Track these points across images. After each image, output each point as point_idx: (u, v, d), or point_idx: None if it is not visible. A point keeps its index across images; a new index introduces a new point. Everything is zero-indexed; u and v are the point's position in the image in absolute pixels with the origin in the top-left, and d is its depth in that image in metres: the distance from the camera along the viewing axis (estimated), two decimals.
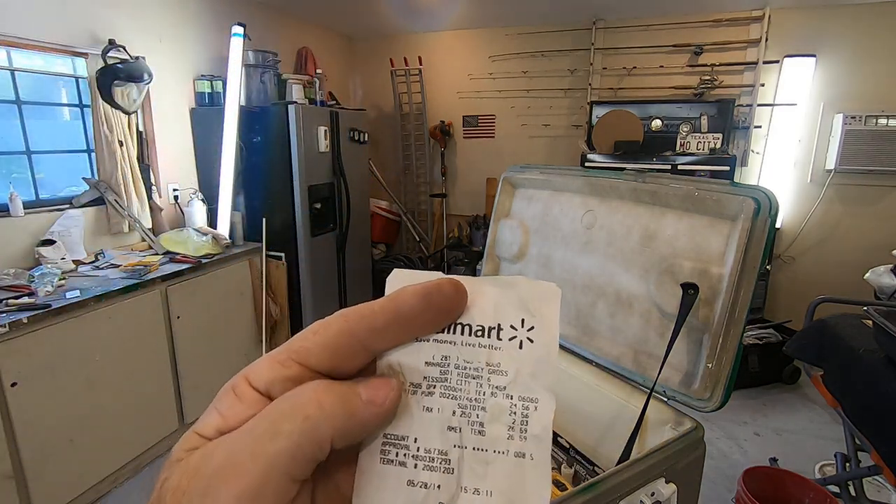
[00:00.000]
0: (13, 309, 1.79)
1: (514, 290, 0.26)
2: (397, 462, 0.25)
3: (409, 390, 0.26)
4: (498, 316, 0.26)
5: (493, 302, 0.26)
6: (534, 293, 0.26)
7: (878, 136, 3.41)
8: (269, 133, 2.95)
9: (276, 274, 3.06)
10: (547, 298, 0.26)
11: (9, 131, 2.27)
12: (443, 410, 0.25)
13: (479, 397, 0.26)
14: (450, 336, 0.26)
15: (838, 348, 1.76)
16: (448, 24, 4.26)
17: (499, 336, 0.26)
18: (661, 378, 1.04)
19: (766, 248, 0.94)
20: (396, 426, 0.25)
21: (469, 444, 0.25)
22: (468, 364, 0.26)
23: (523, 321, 0.26)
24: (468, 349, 0.26)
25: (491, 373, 0.26)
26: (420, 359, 0.26)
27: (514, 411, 0.25)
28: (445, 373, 0.26)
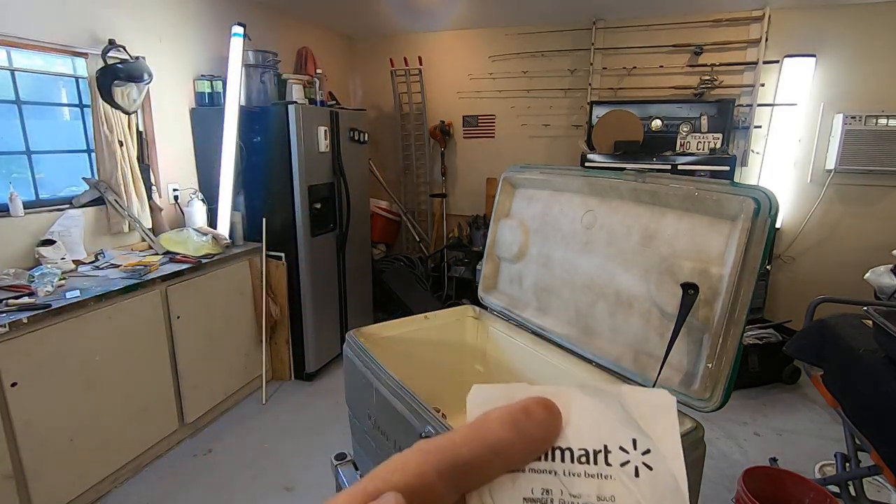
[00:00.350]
0: (13, 309, 1.79)
1: (617, 402, 0.22)
2: None
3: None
4: (602, 436, 0.21)
5: (592, 419, 0.22)
6: (642, 404, 0.22)
7: (878, 136, 3.41)
8: (269, 133, 2.95)
9: (276, 274, 3.06)
10: (660, 411, 0.21)
11: (9, 131, 2.27)
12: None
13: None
14: (549, 464, 0.21)
15: (838, 348, 1.76)
16: (448, 24, 4.26)
17: (607, 461, 0.21)
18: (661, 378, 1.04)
19: (766, 248, 0.94)
20: None
21: None
22: (575, 499, 0.21)
23: (635, 442, 0.21)
24: (573, 480, 0.21)
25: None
26: (516, 494, 0.21)
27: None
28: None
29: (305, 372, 3.20)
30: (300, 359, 3.21)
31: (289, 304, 3.10)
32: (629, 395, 0.22)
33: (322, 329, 3.24)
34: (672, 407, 0.21)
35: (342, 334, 3.40)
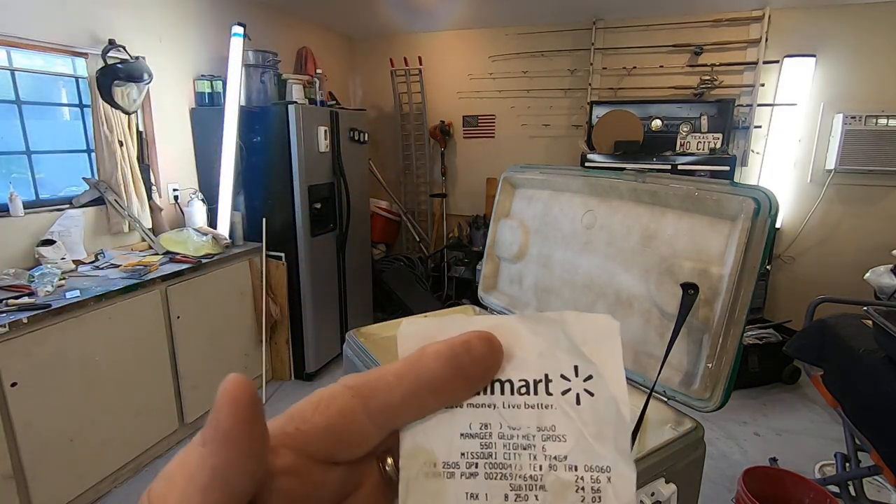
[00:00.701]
0: (13, 309, 1.79)
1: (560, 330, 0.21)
2: None
3: (444, 473, 0.20)
4: (544, 365, 0.21)
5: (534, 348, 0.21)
6: (585, 331, 0.21)
7: (878, 136, 3.41)
8: (269, 133, 2.95)
9: (276, 274, 3.06)
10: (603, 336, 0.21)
11: (9, 131, 2.27)
12: (491, 496, 0.20)
13: (535, 473, 0.20)
14: (487, 398, 0.21)
15: (838, 348, 1.76)
16: (448, 24, 4.26)
17: (548, 390, 0.21)
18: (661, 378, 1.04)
19: (766, 248, 0.94)
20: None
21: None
22: (515, 431, 0.20)
23: (577, 368, 0.21)
24: (512, 412, 0.20)
25: (545, 439, 0.20)
26: (453, 431, 0.21)
27: (582, 487, 0.19)
28: (488, 446, 0.20)
29: (305, 372, 3.20)
30: (300, 359, 3.20)
31: (289, 304, 3.10)
32: (572, 323, 0.21)
33: (322, 329, 3.24)
34: (615, 332, 0.21)
35: (342, 334, 3.40)
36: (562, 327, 0.21)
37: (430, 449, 0.20)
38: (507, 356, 0.21)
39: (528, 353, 0.21)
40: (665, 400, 1.10)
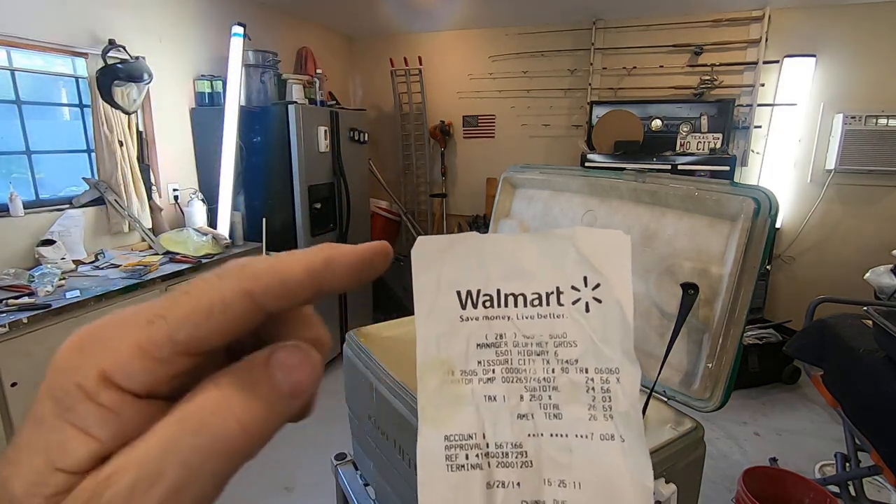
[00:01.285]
0: (13, 309, 1.79)
1: (571, 244, 0.22)
2: (469, 465, 0.21)
3: (463, 379, 0.22)
4: (555, 278, 0.22)
5: (547, 262, 0.22)
6: (595, 244, 0.22)
7: (878, 136, 3.41)
8: (269, 133, 2.95)
9: None
10: (613, 249, 0.22)
11: (9, 131, 2.27)
12: (508, 397, 0.22)
13: (549, 376, 0.22)
14: (501, 310, 0.22)
15: (838, 348, 1.76)
16: (448, 24, 4.26)
17: (559, 301, 0.22)
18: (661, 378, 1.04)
19: (766, 248, 0.94)
20: (459, 423, 0.21)
21: (545, 430, 0.21)
22: (528, 339, 0.22)
23: (586, 279, 0.22)
24: (526, 322, 0.22)
25: (557, 346, 0.22)
26: (470, 340, 0.22)
27: (593, 387, 0.21)
28: (503, 353, 0.22)
29: None
30: None
31: None
32: (582, 237, 0.22)
33: None
34: (626, 245, 0.22)
35: (342, 334, 3.40)
36: (573, 242, 0.22)
37: (448, 359, 0.22)
38: (521, 271, 0.22)
39: (540, 267, 0.22)
40: (665, 400, 1.10)
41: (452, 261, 0.23)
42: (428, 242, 0.23)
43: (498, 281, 0.22)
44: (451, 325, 0.22)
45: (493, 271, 0.22)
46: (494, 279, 0.23)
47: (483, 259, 0.23)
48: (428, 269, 0.23)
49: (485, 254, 0.23)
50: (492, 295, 0.22)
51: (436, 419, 0.22)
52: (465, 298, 0.23)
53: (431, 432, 0.22)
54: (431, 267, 0.23)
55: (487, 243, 0.23)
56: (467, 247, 0.23)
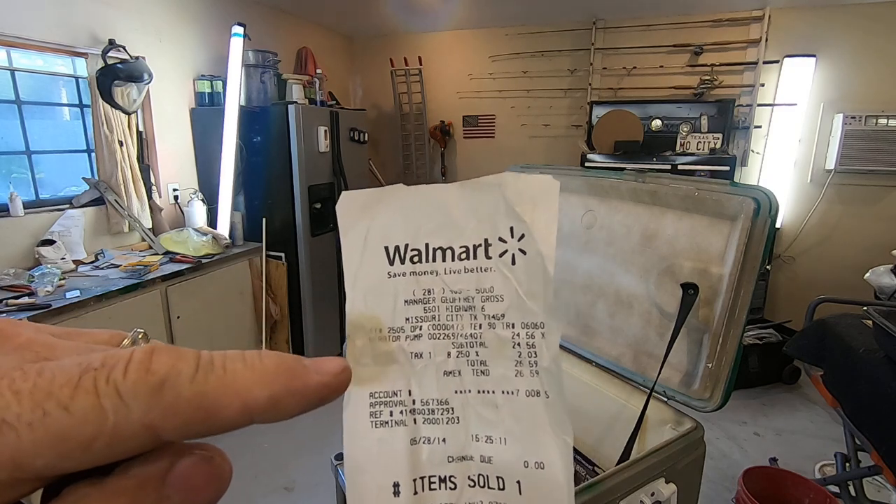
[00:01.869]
0: (13, 309, 1.79)
1: (499, 193, 0.21)
2: (393, 422, 0.21)
3: (391, 336, 0.21)
4: (483, 230, 0.21)
5: (474, 214, 0.21)
6: (522, 191, 0.21)
7: (878, 136, 3.41)
8: (269, 133, 2.95)
9: (276, 274, 3.06)
10: (540, 196, 0.21)
11: (9, 131, 2.27)
12: (435, 354, 0.21)
13: (476, 332, 0.21)
14: (429, 265, 0.22)
15: (838, 348, 1.76)
16: (448, 24, 4.26)
17: (487, 254, 0.21)
18: (661, 378, 1.04)
19: (766, 248, 0.94)
20: (384, 380, 0.21)
21: (472, 387, 0.21)
22: (456, 295, 0.21)
23: (512, 230, 0.21)
24: (453, 277, 0.21)
25: (484, 300, 0.21)
26: (397, 297, 0.22)
27: (518, 343, 0.21)
28: (431, 309, 0.21)
29: None
30: None
31: (289, 304, 3.10)
32: (510, 185, 0.21)
33: (322, 329, 3.24)
34: (553, 190, 0.21)
35: (342, 334, 3.40)
36: (501, 191, 0.21)
37: (375, 316, 0.21)
38: (449, 224, 0.21)
39: (467, 220, 0.21)
40: (665, 400, 1.10)
41: (380, 215, 0.22)
42: (354, 197, 0.22)
43: (426, 235, 0.22)
44: (380, 281, 0.22)
45: (421, 225, 0.22)
46: (423, 233, 0.22)
47: (411, 212, 0.22)
48: (355, 225, 0.23)
49: (413, 207, 0.22)
50: (420, 250, 0.22)
51: (361, 377, 0.21)
52: (393, 254, 0.22)
53: (356, 390, 0.21)
54: (359, 223, 0.22)
55: (415, 196, 0.22)
56: (395, 200, 0.22)
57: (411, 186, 0.22)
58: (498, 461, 0.21)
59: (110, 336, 0.19)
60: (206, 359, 0.15)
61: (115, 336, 0.19)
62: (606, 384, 1.26)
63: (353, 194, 0.23)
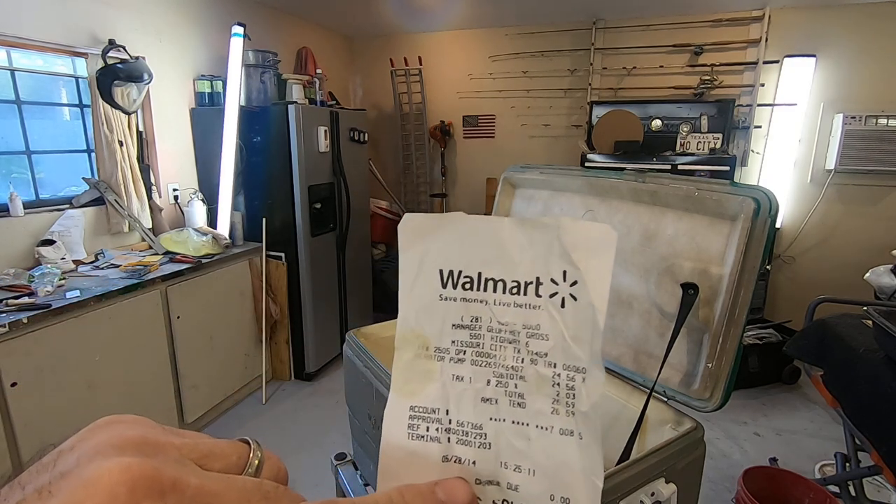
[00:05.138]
0: (13, 309, 1.79)
1: (555, 236, 0.22)
2: (429, 437, 0.22)
3: (436, 356, 0.22)
4: (536, 268, 0.22)
5: (531, 251, 0.22)
6: (578, 238, 0.21)
7: (878, 136, 3.41)
8: (269, 133, 2.95)
9: (276, 274, 3.06)
10: (597, 245, 0.21)
11: (9, 131, 2.27)
12: (475, 379, 0.22)
13: (517, 365, 0.22)
14: (480, 294, 0.22)
15: (838, 348, 1.76)
16: (448, 24, 4.26)
17: (537, 292, 0.22)
18: (661, 378, 1.04)
19: (766, 248, 0.94)
20: (425, 396, 0.22)
21: (507, 416, 0.22)
22: (503, 326, 0.22)
23: (565, 274, 0.22)
24: (502, 309, 0.22)
25: (529, 336, 0.22)
26: (446, 321, 0.23)
27: (558, 382, 0.21)
28: (477, 336, 0.22)
29: (305, 372, 3.20)
30: (300, 359, 3.20)
31: (289, 304, 3.10)
32: (568, 229, 0.22)
33: (322, 329, 3.24)
34: (610, 242, 0.21)
35: (342, 334, 3.40)
36: (557, 233, 0.22)
37: (423, 334, 0.22)
38: (504, 257, 0.22)
39: (523, 256, 0.22)
40: (665, 400, 1.10)
41: (438, 240, 0.23)
42: (415, 220, 0.23)
43: (480, 264, 0.23)
44: (431, 302, 0.23)
45: (476, 254, 0.23)
46: (477, 262, 0.23)
47: (468, 241, 0.23)
48: (413, 246, 0.23)
49: (470, 236, 0.23)
50: (472, 277, 0.23)
51: (404, 390, 0.23)
52: (447, 278, 0.23)
53: (399, 400, 0.22)
54: (417, 244, 0.23)
55: (474, 225, 0.23)
56: (454, 227, 0.23)
57: (471, 216, 0.22)
58: (524, 491, 0.21)
59: (238, 457, 0.21)
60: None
61: (241, 452, 0.21)
62: (606, 384, 1.26)
63: (415, 217, 0.23)
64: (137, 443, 0.19)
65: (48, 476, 0.17)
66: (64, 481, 0.17)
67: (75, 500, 0.16)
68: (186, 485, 0.17)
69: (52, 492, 0.16)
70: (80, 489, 0.16)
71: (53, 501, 0.16)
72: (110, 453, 0.18)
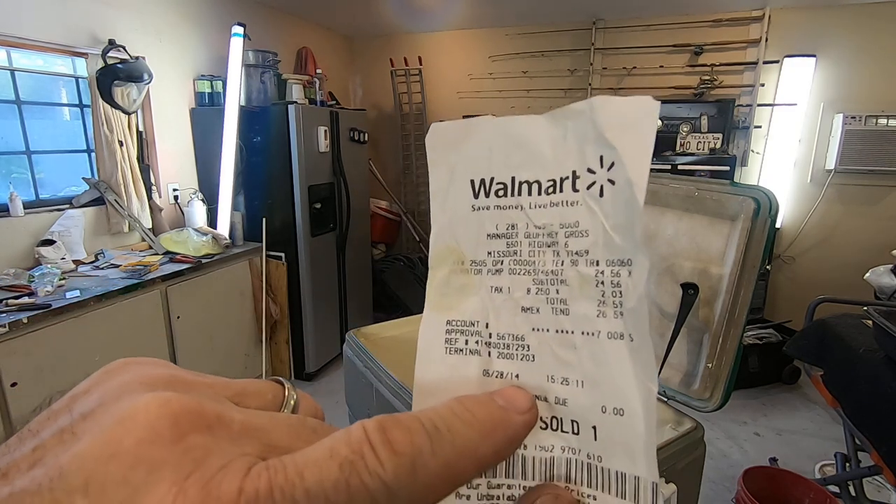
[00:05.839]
0: (13, 309, 1.78)
1: (588, 119, 0.20)
2: (468, 351, 0.21)
3: (472, 270, 0.21)
4: (572, 160, 0.20)
5: (563, 143, 0.20)
6: (615, 116, 0.20)
7: (878, 136, 3.41)
8: (269, 133, 2.95)
9: (276, 274, 3.06)
10: (634, 119, 0.20)
11: (9, 131, 2.27)
12: (514, 289, 0.21)
13: (557, 269, 0.20)
14: (514, 199, 0.21)
15: (838, 348, 1.76)
16: (448, 24, 4.26)
17: (574, 186, 0.20)
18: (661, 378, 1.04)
19: (766, 248, 0.94)
20: (462, 310, 0.21)
21: (550, 326, 0.20)
22: (539, 230, 0.21)
23: (602, 159, 0.20)
24: (538, 212, 0.21)
25: (568, 235, 0.20)
26: (481, 231, 0.21)
27: (602, 281, 0.20)
28: (513, 244, 0.21)
29: (305, 372, 3.20)
30: (300, 359, 3.20)
31: (289, 304, 3.10)
32: (601, 109, 0.20)
33: (322, 329, 3.24)
34: (651, 113, 0.20)
35: (342, 334, 3.40)
36: (590, 115, 0.20)
37: (458, 248, 0.21)
38: (537, 156, 0.21)
39: (557, 150, 0.21)
40: (665, 400, 1.10)
41: (467, 148, 0.22)
42: (442, 129, 0.22)
43: (513, 168, 0.21)
44: (464, 214, 0.22)
45: (508, 157, 0.21)
46: (510, 166, 0.21)
47: (499, 145, 0.21)
48: (442, 159, 0.22)
49: (501, 140, 0.21)
50: (506, 183, 0.21)
51: (440, 305, 0.22)
52: (479, 187, 0.22)
53: (434, 316, 0.22)
54: (446, 156, 0.22)
55: (504, 128, 0.21)
56: (483, 133, 0.22)
57: (499, 118, 0.21)
58: (573, 404, 0.20)
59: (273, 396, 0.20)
60: (430, 425, 0.16)
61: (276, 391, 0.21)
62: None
63: (441, 126, 0.22)
64: (167, 380, 0.18)
65: (67, 419, 0.15)
66: (88, 422, 0.15)
67: (109, 440, 0.14)
68: (231, 419, 0.16)
69: (77, 433, 0.15)
70: (115, 426, 0.14)
71: (81, 444, 0.14)
72: (141, 390, 0.16)
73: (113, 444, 0.14)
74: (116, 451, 0.14)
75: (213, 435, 0.15)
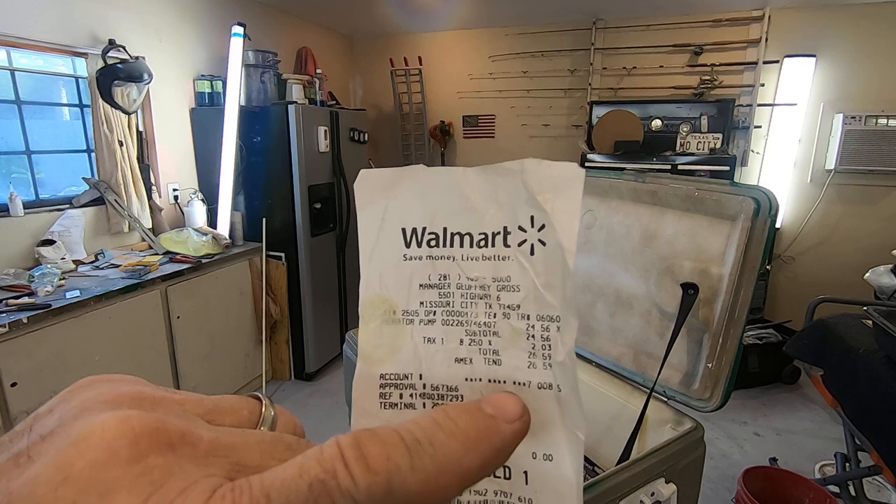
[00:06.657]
0: (13, 309, 1.78)
1: (520, 180, 0.20)
2: (402, 405, 0.21)
3: (404, 319, 0.21)
4: (503, 217, 0.21)
5: (494, 198, 0.21)
6: (543, 178, 0.20)
7: (878, 136, 3.41)
8: (269, 133, 2.95)
9: (276, 274, 3.06)
10: (563, 184, 0.20)
11: (9, 131, 2.27)
12: (447, 340, 0.21)
13: (490, 321, 0.21)
14: (447, 250, 0.21)
15: (838, 348, 1.76)
16: (448, 24, 4.26)
17: (506, 242, 0.21)
18: (661, 378, 1.04)
19: (766, 248, 0.94)
20: (395, 363, 0.21)
21: (483, 376, 0.21)
22: (472, 282, 0.21)
23: (533, 219, 0.20)
24: (471, 264, 0.21)
25: (500, 289, 0.21)
26: (413, 280, 0.21)
27: (533, 334, 0.20)
28: (446, 295, 0.21)
29: (305, 372, 3.20)
30: (300, 359, 3.20)
31: (289, 304, 3.10)
32: (532, 172, 0.20)
33: (322, 329, 3.24)
34: (577, 179, 0.20)
35: (342, 334, 3.40)
36: (522, 177, 0.20)
37: (389, 298, 0.21)
38: (468, 209, 0.21)
39: (487, 206, 0.21)
40: (665, 400, 1.10)
41: (398, 196, 0.22)
42: (373, 176, 0.22)
43: (445, 219, 0.21)
44: (395, 263, 0.21)
45: (440, 207, 0.21)
46: (441, 216, 0.21)
47: (430, 195, 0.21)
48: (372, 205, 0.22)
49: (432, 189, 0.21)
50: (437, 234, 0.21)
51: (373, 358, 0.22)
52: (410, 236, 0.22)
53: (367, 369, 0.21)
54: (376, 202, 0.22)
55: (435, 177, 0.21)
56: (414, 181, 0.22)
57: (431, 168, 0.21)
58: None
59: (249, 412, 0.20)
60: (410, 438, 0.16)
61: (253, 407, 0.20)
62: (606, 384, 1.26)
63: (371, 173, 0.22)
64: (133, 398, 0.16)
65: (25, 441, 0.15)
66: (45, 443, 0.14)
67: (64, 462, 0.13)
68: (198, 437, 0.15)
69: (32, 456, 0.14)
70: (69, 448, 0.13)
71: (35, 467, 0.13)
72: (102, 409, 0.15)
73: (66, 468, 0.13)
74: (68, 476, 0.13)
75: (176, 455, 0.14)
